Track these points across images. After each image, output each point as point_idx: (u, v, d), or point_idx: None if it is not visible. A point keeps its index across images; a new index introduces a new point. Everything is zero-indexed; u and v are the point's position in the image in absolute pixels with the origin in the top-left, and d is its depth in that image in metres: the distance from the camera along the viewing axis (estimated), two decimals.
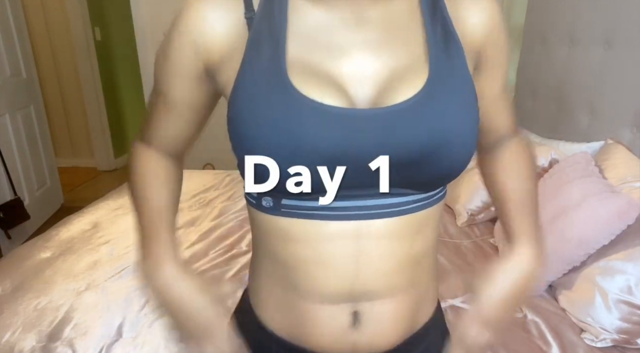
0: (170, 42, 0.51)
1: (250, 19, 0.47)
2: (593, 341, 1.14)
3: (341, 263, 0.50)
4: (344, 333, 0.53)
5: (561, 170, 1.53)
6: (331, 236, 0.49)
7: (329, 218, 0.49)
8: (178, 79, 0.53)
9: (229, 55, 0.49)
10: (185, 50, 0.50)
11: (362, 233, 0.49)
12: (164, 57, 0.53)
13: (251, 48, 0.47)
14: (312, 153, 0.44)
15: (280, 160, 0.44)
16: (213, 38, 0.49)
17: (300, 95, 0.44)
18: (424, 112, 0.46)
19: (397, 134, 0.45)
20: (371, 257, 0.50)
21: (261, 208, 0.52)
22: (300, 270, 0.52)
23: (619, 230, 1.20)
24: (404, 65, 0.48)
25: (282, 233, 0.51)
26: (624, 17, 1.65)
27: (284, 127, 0.44)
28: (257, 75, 0.46)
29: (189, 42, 0.49)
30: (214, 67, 0.50)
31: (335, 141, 0.44)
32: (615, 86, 1.70)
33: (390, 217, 0.49)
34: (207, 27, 0.48)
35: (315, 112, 0.44)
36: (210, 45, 0.49)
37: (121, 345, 1.15)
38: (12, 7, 2.74)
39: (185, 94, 0.54)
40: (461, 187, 1.92)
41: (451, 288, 1.38)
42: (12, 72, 2.74)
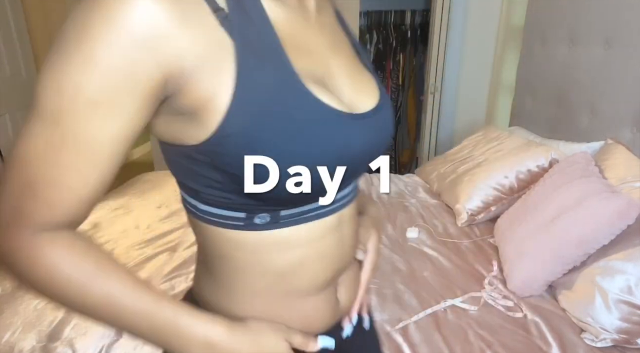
0: (105, 51, 0.35)
1: (225, 19, 0.40)
2: (593, 341, 1.14)
3: (332, 252, 0.55)
4: (332, 309, 0.59)
5: (561, 170, 1.53)
6: (326, 230, 0.52)
7: (324, 215, 0.51)
8: (123, 101, 0.37)
9: (203, 64, 0.39)
10: (141, 60, 0.36)
11: (342, 220, 0.54)
12: (91, 74, 0.36)
13: (245, 57, 0.40)
14: (337, 156, 0.46)
15: (311, 168, 0.44)
16: (178, 41, 0.37)
17: (322, 104, 0.44)
18: (390, 113, 0.55)
19: (385, 134, 0.53)
20: (346, 239, 0.56)
21: (252, 227, 0.48)
22: (300, 271, 0.52)
23: (619, 230, 1.20)
24: (353, 68, 0.54)
25: (280, 243, 0.50)
26: (624, 17, 1.65)
27: (316, 136, 0.44)
28: (266, 87, 0.41)
29: (145, 47, 0.36)
30: (180, 80, 0.39)
31: (353, 144, 0.47)
32: (615, 86, 1.70)
33: (352, 201, 0.56)
34: (167, 26, 0.36)
35: (338, 118, 0.46)
36: (175, 50, 0.37)
37: (121, 345, 1.15)
38: (12, 7, 2.74)
39: (125, 124, 0.38)
40: (461, 187, 1.92)
41: (451, 288, 1.38)
42: (12, 72, 2.74)
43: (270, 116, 0.41)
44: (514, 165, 1.81)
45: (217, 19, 0.39)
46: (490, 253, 1.60)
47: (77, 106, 0.37)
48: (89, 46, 0.36)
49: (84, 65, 0.36)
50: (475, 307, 1.28)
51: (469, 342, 1.14)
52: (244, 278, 0.53)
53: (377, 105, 0.53)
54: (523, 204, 1.58)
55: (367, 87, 0.54)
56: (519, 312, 1.26)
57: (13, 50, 2.76)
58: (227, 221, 0.48)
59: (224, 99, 0.40)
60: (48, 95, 0.37)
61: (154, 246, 1.66)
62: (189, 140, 0.42)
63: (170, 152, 0.46)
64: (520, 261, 1.37)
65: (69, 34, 0.37)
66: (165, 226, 1.82)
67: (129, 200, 2.09)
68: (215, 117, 0.40)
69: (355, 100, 0.51)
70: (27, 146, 0.38)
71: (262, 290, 0.53)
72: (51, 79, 0.37)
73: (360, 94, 0.52)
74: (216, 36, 0.39)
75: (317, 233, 0.51)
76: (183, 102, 0.40)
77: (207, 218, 0.49)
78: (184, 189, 0.50)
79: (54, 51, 0.37)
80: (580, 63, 1.90)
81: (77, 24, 0.36)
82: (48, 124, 0.37)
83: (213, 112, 0.40)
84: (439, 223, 1.87)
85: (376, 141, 0.51)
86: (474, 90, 3.05)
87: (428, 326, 1.21)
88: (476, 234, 1.77)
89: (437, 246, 1.66)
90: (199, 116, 0.41)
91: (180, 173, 0.48)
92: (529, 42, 2.31)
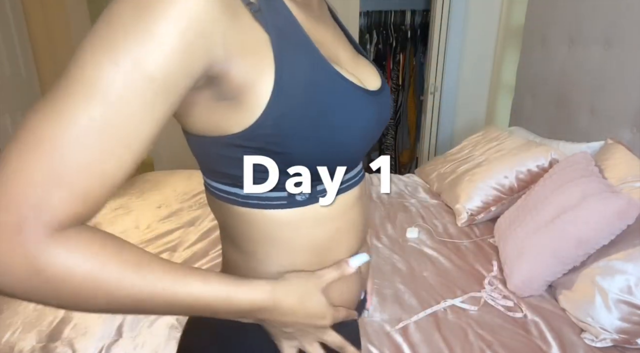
0: (166, 28, 0.35)
1: (257, 11, 0.42)
2: (593, 341, 1.14)
3: (360, 221, 0.59)
4: (360, 279, 0.64)
5: (561, 170, 1.53)
6: (355, 200, 0.57)
7: (353, 186, 0.57)
8: (176, 82, 0.37)
9: (244, 50, 0.41)
10: (195, 43, 0.37)
11: (362, 190, 0.59)
12: (152, 50, 0.35)
13: (279, 42, 0.43)
14: (366, 129, 0.51)
15: (351, 138, 0.49)
16: (225, 28, 0.39)
17: (351, 83, 0.48)
18: (389, 93, 0.60)
19: (389, 112, 0.58)
20: (366, 207, 0.62)
21: (294, 205, 0.51)
22: (335, 243, 0.56)
23: (619, 230, 1.20)
24: (354, 57, 0.59)
25: (319, 217, 0.53)
26: (624, 17, 1.65)
27: (349, 111, 0.48)
28: (303, 70, 0.44)
29: (199, 30, 0.37)
30: (224, 66, 0.40)
31: (373, 117, 0.52)
32: (615, 86, 1.70)
33: (363, 178, 0.61)
34: (217, 12, 0.38)
35: (364, 94, 0.50)
36: (222, 36, 0.39)
37: (121, 345, 1.15)
38: (12, 7, 2.75)
39: (170, 106, 0.38)
40: (461, 187, 1.92)
41: (451, 288, 1.38)
42: (12, 72, 2.74)
43: (311, 96, 0.44)
44: (514, 165, 1.81)
45: (250, 12, 0.42)
46: (490, 253, 1.60)
47: (133, 82, 0.35)
48: (150, 22, 0.35)
49: (144, 41, 0.35)
50: (475, 307, 1.28)
51: (469, 342, 1.14)
52: (285, 256, 0.55)
53: (381, 85, 0.58)
54: (523, 204, 1.58)
55: (369, 71, 0.59)
56: (519, 312, 1.27)
57: (13, 50, 2.76)
58: (271, 202, 0.50)
59: (266, 83, 0.42)
60: (99, 69, 0.34)
61: (154, 246, 1.66)
62: (233, 128, 0.44)
63: (210, 145, 0.47)
64: (520, 261, 1.37)
65: (125, 11, 0.35)
66: (165, 226, 1.83)
67: (129, 200, 2.09)
68: (259, 101, 0.42)
69: (364, 81, 0.55)
70: (55, 127, 0.33)
71: (300, 266, 0.55)
72: (102, 53, 0.35)
73: (366, 76, 0.57)
74: (252, 26, 0.42)
75: (348, 204, 0.56)
76: (226, 87, 0.41)
77: (250, 203, 0.50)
78: (224, 180, 0.50)
79: (104, 27, 0.36)
80: (580, 63, 1.90)
81: (134, 1, 0.36)
82: (91, 101, 0.34)
83: (256, 97, 0.42)
84: (439, 223, 1.87)
85: (385, 116, 0.57)
86: (474, 90, 3.05)
87: (428, 326, 1.21)
88: (476, 234, 1.77)
89: (437, 246, 1.66)
90: (242, 102, 0.42)
91: (220, 164, 0.49)
92: (529, 42, 2.31)
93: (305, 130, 0.45)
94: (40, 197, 0.33)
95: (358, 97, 0.49)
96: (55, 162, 0.33)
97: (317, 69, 0.45)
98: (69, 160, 0.34)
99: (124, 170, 0.36)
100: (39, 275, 0.33)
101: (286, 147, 0.45)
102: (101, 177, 0.35)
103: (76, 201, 0.34)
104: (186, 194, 2.15)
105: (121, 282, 0.37)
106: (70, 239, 0.34)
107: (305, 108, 0.44)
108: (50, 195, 0.33)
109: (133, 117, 0.35)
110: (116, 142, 0.35)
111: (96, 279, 0.36)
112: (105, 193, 0.36)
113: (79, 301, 0.36)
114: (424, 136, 3.24)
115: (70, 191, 0.34)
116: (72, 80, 0.34)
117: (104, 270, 0.36)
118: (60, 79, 0.35)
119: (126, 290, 0.37)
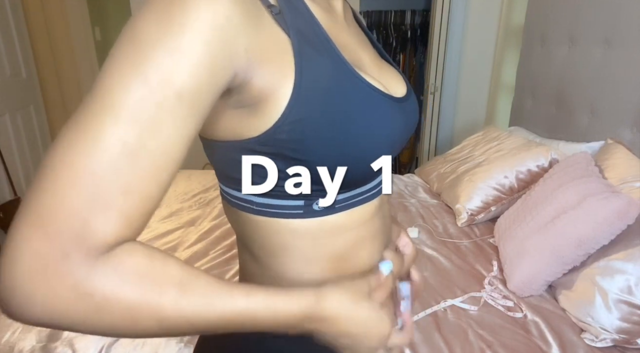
0: (191, 41, 0.34)
1: (278, 14, 0.41)
2: (593, 341, 1.14)
3: (380, 232, 0.58)
4: None
5: (561, 170, 1.53)
6: (374, 211, 0.56)
7: (372, 198, 0.55)
8: (204, 95, 0.36)
9: (266, 56, 0.40)
10: (220, 53, 0.36)
11: (382, 201, 0.58)
12: (179, 65, 0.34)
13: (301, 47, 0.42)
14: (388, 137, 0.48)
15: (372, 148, 0.47)
16: (247, 35, 0.38)
17: (375, 88, 0.47)
18: (416, 100, 0.58)
19: (416, 118, 0.57)
20: (387, 219, 0.60)
21: (311, 215, 0.50)
22: (355, 254, 0.55)
23: (619, 230, 1.20)
24: (378, 62, 0.58)
25: (337, 228, 0.52)
26: (624, 17, 1.65)
27: (372, 119, 0.46)
28: (325, 74, 0.43)
29: (222, 39, 0.36)
30: (247, 74, 0.39)
31: (398, 125, 0.51)
32: (615, 86, 1.70)
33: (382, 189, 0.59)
34: (239, 19, 0.37)
35: (389, 101, 0.49)
36: (245, 44, 0.38)
37: (121, 345, 1.15)
38: (12, 7, 2.75)
39: (199, 120, 0.37)
40: (461, 187, 1.92)
41: (451, 288, 1.38)
42: (12, 72, 2.74)
43: (331, 101, 0.43)
44: (514, 165, 1.81)
45: (271, 15, 0.41)
46: (490, 253, 1.60)
47: (163, 100, 0.34)
48: (176, 36, 0.34)
49: (171, 56, 0.34)
50: (475, 307, 1.28)
51: (469, 342, 1.14)
52: (302, 266, 0.53)
53: (407, 92, 0.57)
54: (523, 204, 1.58)
55: (394, 77, 0.58)
56: (519, 312, 1.27)
57: (13, 50, 2.76)
58: (287, 211, 0.49)
59: (286, 89, 0.41)
60: (127, 90, 0.33)
61: (154, 246, 1.66)
62: (249, 133, 0.43)
63: (226, 150, 0.46)
64: (520, 261, 1.37)
65: (149, 27, 0.34)
66: (165, 226, 1.83)
67: None
68: (277, 106, 0.41)
69: (389, 88, 0.53)
70: (90, 151, 0.33)
71: (319, 276, 0.54)
72: (129, 73, 0.34)
73: (391, 82, 0.56)
74: (272, 29, 0.41)
75: (367, 215, 0.55)
76: (247, 95, 0.41)
77: (266, 211, 0.49)
78: (239, 187, 0.49)
79: (129, 45, 0.35)
80: (580, 63, 1.90)
81: (158, 14, 0.35)
82: (123, 122, 0.33)
83: (275, 102, 0.41)
84: (439, 223, 1.87)
85: (412, 124, 0.56)
86: (474, 90, 3.05)
87: (428, 326, 1.21)
88: (476, 234, 1.77)
89: (437, 246, 1.66)
90: (261, 107, 0.41)
91: (235, 170, 0.47)
92: (529, 42, 2.31)
93: (324, 136, 0.43)
94: (81, 223, 0.33)
95: (382, 103, 0.47)
96: (94, 187, 0.33)
97: (338, 73, 0.44)
98: (107, 184, 0.33)
99: (161, 188, 0.36)
100: (89, 300, 0.33)
101: (303, 153, 0.44)
102: (140, 198, 0.35)
103: (118, 223, 0.34)
104: (186, 194, 2.15)
105: (174, 302, 0.36)
106: (115, 260, 0.34)
107: (325, 113, 0.43)
108: (91, 220, 0.33)
109: (166, 136, 0.35)
110: (151, 163, 0.35)
111: (147, 300, 0.35)
112: (146, 213, 0.36)
113: (130, 324, 0.35)
114: (424, 136, 3.24)
115: (111, 214, 0.33)
116: (101, 104, 0.34)
117: (153, 290, 0.36)
118: (87, 102, 0.34)
119: (173, 308, 0.36)
